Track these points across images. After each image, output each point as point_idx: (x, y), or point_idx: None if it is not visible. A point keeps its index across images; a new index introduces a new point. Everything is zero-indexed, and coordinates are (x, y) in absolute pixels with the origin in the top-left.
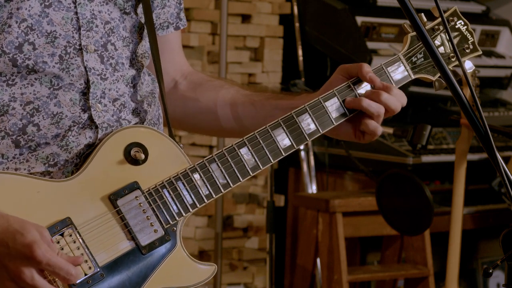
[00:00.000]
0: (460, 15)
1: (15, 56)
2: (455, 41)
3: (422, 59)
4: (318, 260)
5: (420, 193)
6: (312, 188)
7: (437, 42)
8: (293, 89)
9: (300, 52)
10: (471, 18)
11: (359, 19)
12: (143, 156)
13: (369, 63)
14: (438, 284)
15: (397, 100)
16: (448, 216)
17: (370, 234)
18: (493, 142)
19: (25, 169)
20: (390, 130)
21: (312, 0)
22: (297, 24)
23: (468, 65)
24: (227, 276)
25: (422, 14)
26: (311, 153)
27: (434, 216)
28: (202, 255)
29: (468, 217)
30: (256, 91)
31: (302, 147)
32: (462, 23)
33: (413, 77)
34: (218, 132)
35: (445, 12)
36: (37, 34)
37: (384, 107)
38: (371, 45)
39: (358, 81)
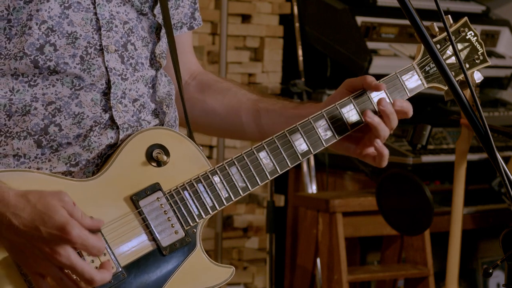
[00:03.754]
0: (471, 26)
1: (36, 58)
2: (466, 51)
3: (435, 69)
4: (318, 260)
5: (420, 193)
6: (312, 188)
7: (448, 52)
8: (293, 89)
9: (300, 52)
10: (471, 18)
11: (359, 19)
12: (165, 158)
13: (369, 63)
14: (438, 284)
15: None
16: (448, 216)
17: (370, 234)
18: (493, 142)
19: (47, 169)
20: None
21: (312, 0)
22: (297, 24)
23: (477, 75)
24: None
25: (434, 23)
26: None
27: (434, 216)
28: None
29: (468, 217)
30: (262, 96)
31: None
32: (473, 34)
33: (426, 86)
34: (221, 134)
35: (456, 22)
36: (58, 35)
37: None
38: (371, 45)
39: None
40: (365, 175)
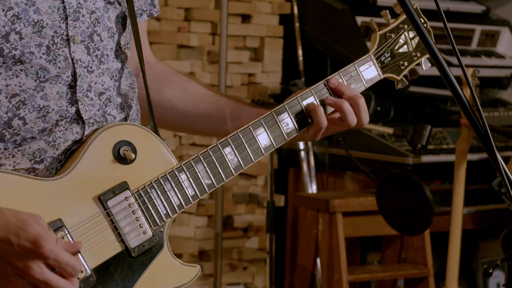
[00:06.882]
0: (421, 13)
1: (1, 46)
2: (417, 39)
3: (389, 59)
4: (318, 260)
5: (420, 193)
6: (312, 188)
7: (401, 40)
8: (293, 89)
9: (300, 52)
10: (471, 18)
11: (359, 19)
12: (133, 156)
13: None
14: (438, 284)
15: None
16: (448, 216)
17: (370, 234)
18: (493, 142)
19: (10, 165)
20: (390, 130)
21: (312, 0)
22: (297, 24)
23: (426, 66)
24: (227, 276)
25: (387, 11)
26: (311, 153)
27: (434, 216)
28: (202, 255)
29: (468, 217)
30: (218, 93)
31: (302, 147)
32: (422, 21)
33: (382, 76)
34: (172, 126)
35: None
36: (23, 23)
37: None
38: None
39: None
40: (365, 175)
